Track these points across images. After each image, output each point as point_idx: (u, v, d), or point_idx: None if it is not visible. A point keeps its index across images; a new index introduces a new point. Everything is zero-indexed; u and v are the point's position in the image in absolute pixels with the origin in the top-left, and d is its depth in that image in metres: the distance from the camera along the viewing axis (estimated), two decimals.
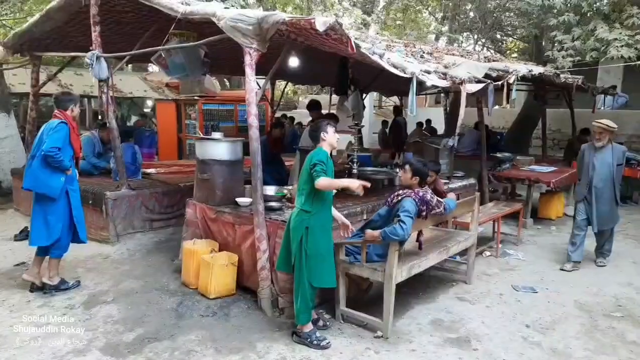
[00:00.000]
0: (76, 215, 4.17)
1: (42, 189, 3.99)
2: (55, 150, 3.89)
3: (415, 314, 3.95)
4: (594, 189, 5.06)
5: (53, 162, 3.92)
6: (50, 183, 3.97)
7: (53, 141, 3.91)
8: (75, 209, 4.16)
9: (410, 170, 3.75)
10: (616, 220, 5.29)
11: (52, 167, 3.95)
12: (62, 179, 4.01)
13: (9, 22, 13.55)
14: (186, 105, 11.19)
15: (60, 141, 3.95)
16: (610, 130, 4.96)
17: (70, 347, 3.24)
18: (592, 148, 5.12)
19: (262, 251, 3.87)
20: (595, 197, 5.05)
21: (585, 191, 5.11)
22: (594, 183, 5.05)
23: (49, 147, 3.88)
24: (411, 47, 6.38)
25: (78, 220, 4.18)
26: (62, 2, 5.43)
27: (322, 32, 3.32)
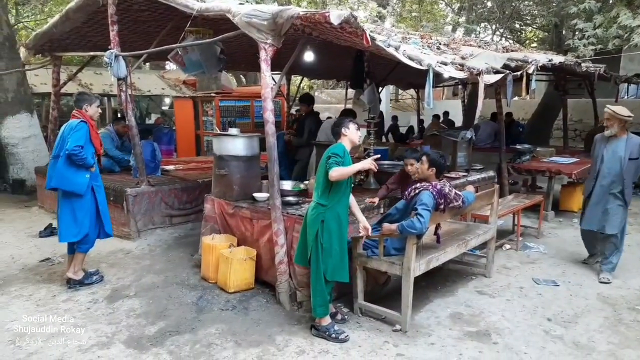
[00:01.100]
0: (102, 210, 4.29)
1: (69, 186, 4.11)
2: (78, 148, 4.02)
3: (433, 307, 3.93)
4: (598, 184, 4.56)
5: (77, 160, 4.05)
6: (77, 180, 4.10)
7: (75, 140, 4.03)
8: (101, 203, 4.29)
9: (427, 161, 3.73)
10: (618, 225, 4.49)
11: (76, 165, 4.08)
12: (87, 175, 4.14)
13: (30, 23, 13.86)
14: (203, 102, 11.27)
15: (82, 139, 4.07)
16: (619, 118, 4.36)
17: (95, 340, 3.33)
18: (604, 139, 4.57)
19: (280, 245, 3.90)
20: (596, 194, 4.57)
21: (591, 186, 4.66)
22: (599, 178, 4.55)
23: (72, 146, 4.01)
24: (427, 38, 6.31)
25: (104, 214, 4.31)
26: (81, 2, 5.52)
27: (337, 26, 3.30)
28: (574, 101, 11.26)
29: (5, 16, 8.26)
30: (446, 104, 14.64)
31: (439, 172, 3.77)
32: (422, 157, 3.82)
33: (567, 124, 10.10)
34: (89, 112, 4.25)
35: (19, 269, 4.70)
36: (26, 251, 5.24)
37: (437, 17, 15.29)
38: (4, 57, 7.96)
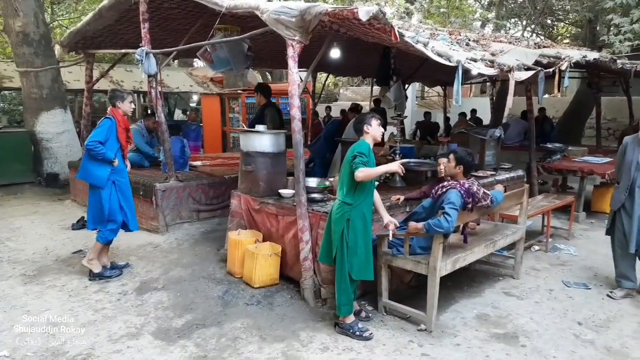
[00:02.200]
0: (125, 205, 4.40)
1: (90, 179, 4.29)
2: (95, 143, 4.17)
3: (459, 308, 3.88)
4: (636, 194, 4.00)
5: (95, 155, 4.19)
6: (97, 173, 4.26)
7: (94, 135, 4.22)
8: (123, 199, 4.39)
9: (454, 159, 3.67)
10: None
11: (97, 159, 4.22)
12: (107, 170, 4.27)
13: (65, 21, 14.28)
14: (230, 99, 11.40)
15: (102, 135, 4.20)
16: None
17: (125, 331, 3.41)
18: (637, 142, 4.06)
19: (305, 242, 3.91)
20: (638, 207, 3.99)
21: (624, 197, 4.05)
22: (636, 187, 4.00)
23: (89, 140, 4.21)
24: (456, 35, 6.20)
25: (128, 209, 4.42)
26: (113, 0, 5.65)
27: (365, 22, 3.28)
28: (607, 99, 10.89)
29: (41, 15, 8.53)
30: (474, 102, 14.37)
31: (467, 171, 3.72)
32: (449, 154, 3.77)
33: (600, 122, 9.79)
34: (121, 108, 4.38)
35: (52, 260, 4.86)
36: (59, 243, 5.42)
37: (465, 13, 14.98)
38: (39, 54, 8.23)
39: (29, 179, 8.67)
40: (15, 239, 5.59)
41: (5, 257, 4.94)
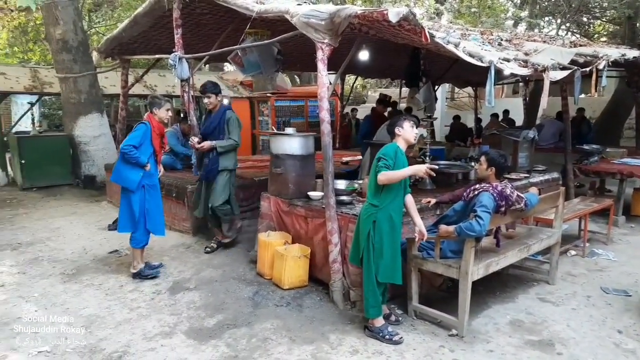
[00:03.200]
0: (152, 210, 4.45)
1: (122, 182, 4.39)
2: (129, 147, 4.27)
3: (492, 313, 3.80)
4: None
5: (129, 159, 4.30)
6: (129, 177, 4.34)
7: (129, 139, 4.34)
8: (151, 203, 4.44)
9: (485, 161, 3.60)
10: None
11: (131, 163, 4.32)
12: (140, 174, 4.35)
13: (101, 29, 14.78)
14: (259, 102, 11.53)
15: (137, 139, 4.31)
16: None
17: (159, 329, 3.50)
18: None
19: (334, 244, 3.92)
20: None
21: None
22: None
23: (124, 144, 4.32)
24: (488, 34, 6.09)
25: (156, 214, 4.48)
26: (148, 7, 5.82)
27: (395, 24, 3.27)
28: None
29: (79, 23, 8.87)
30: (506, 102, 14.04)
31: (499, 173, 3.64)
32: (481, 156, 3.71)
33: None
34: (157, 115, 4.48)
35: (90, 259, 5.03)
36: (97, 243, 5.60)
37: (497, 12, 14.67)
38: (78, 60, 8.55)
39: (67, 181, 9.01)
40: (55, 238, 5.82)
41: (45, 257, 5.14)
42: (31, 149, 8.92)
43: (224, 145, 4.82)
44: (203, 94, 4.86)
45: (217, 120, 4.84)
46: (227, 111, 4.92)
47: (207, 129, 4.91)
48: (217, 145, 4.79)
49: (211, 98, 4.84)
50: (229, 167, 4.91)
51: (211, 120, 4.89)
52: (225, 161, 4.87)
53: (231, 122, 4.86)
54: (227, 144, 4.84)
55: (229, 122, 4.86)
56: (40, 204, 7.91)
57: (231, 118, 4.87)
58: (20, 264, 4.91)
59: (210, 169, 4.85)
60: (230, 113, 4.92)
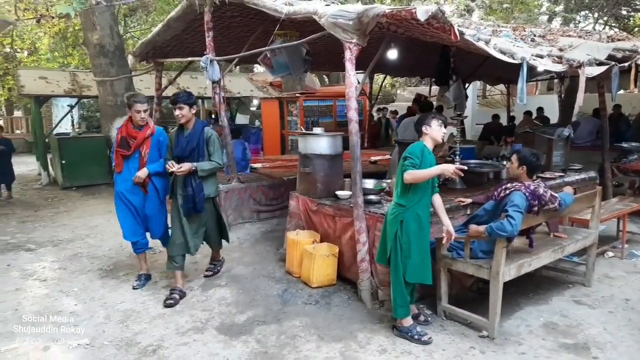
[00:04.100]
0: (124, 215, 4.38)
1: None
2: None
3: (524, 315, 3.72)
4: None
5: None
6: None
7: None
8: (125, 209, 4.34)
9: (517, 159, 3.53)
10: None
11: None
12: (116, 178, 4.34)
13: (136, 33, 15.23)
14: (288, 102, 11.64)
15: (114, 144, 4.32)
16: None
17: (191, 324, 3.60)
18: None
19: (362, 243, 3.92)
20: None
21: None
22: None
23: None
24: (520, 30, 5.95)
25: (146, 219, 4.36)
26: (180, 11, 5.97)
27: (424, 22, 3.25)
28: None
29: (116, 28, 9.17)
30: (540, 100, 13.67)
31: (531, 172, 3.55)
32: (512, 155, 3.64)
33: None
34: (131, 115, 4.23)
35: (126, 256, 5.21)
36: None
37: (530, 7, 14.29)
38: (114, 64, 8.85)
39: (105, 180, 9.34)
40: (93, 235, 6.05)
41: (85, 253, 5.36)
42: (71, 150, 9.31)
43: (206, 168, 3.99)
44: (174, 105, 3.96)
45: (196, 140, 3.98)
46: (205, 128, 4.08)
47: (182, 150, 3.99)
48: (199, 169, 3.95)
49: (183, 109, 3.94)
50: (212, 194, 4.18)
51: (187, 138, 3.99)
52: (208, 187, 4.10)
53: (212, 142, 4.06)
54: (211, 167, 4.03)
55: (209, 142, 4.05)
56: (79, 202, 8.24)
57: (212, 136, 4.07)
58: (61, 260, 5.14)
59: (198, 198, 3.97)
60: (210, 130, 4.12)
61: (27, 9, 10.69)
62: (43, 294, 4.23)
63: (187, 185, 3.96)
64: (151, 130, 4.19)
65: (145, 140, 4.16)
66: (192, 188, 3.94)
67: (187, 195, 3.96)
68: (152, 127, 4.23)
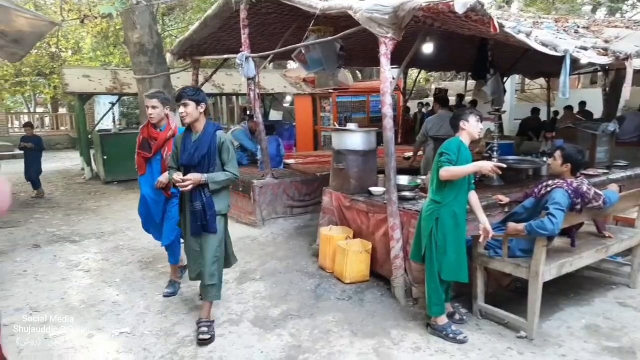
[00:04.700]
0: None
1: None
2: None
3: (565, 316, 3.60)
4: None
5: None
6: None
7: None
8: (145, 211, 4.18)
9: (560, 156, 3.41)
10: None
11: None
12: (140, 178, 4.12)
13: (174, 31, 15.59)
14: (321, 98, 11.66)
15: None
16: None
17: (227, 317, 3.67)
18: None
19: (396, 240, 3.90)
20: None
21: None
22: None
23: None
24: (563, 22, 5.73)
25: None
26: (217, 9, 6.07)
27: (462, 14, 3.18)
28: None
29: (154, 26, 9.41)
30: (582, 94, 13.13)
31: (575, 169, 3.43)
32: (555, 151, 3.52)
33: None
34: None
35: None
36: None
37: None
38: (153, 62, 9.08)
39: None
40: (133, 228, 6.26)
41: (125, 245, 5.56)
42: (112, 146, 9.66)
43: (219, 180, 3.31)
44: (177, 101, 3.32)
45: (207, 146, 3.30)
46: (218, 132, 3.40)
47: (189, 157, 3.32)
48: (210, 180, 3.27)
49: (188, 107, 3.27)
50: (223, 210, 3.47)
51: (195, 143, 3.32)
52: (220, 202, 3.40)
53: (226, 148, 3.36)
54: (226, 178, 3.34)
55: (223, 148, 3.35)
56: (120, 196, 8.55)
57: (225, 142, 3.37)
58: (103, 252, 5.35)
59: (208, 215, 3.32)
60: (223, 135, 3.43)
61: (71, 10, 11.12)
62: (87, 283, 4.42)
63: (195, 199, 3.30)
64: (172, 131, 3.85)
65: (167, 141, 3.83)
66: (202, 203, 3.29)
67: (195, 211, 3.31)
68: (173, 127, 3.89)
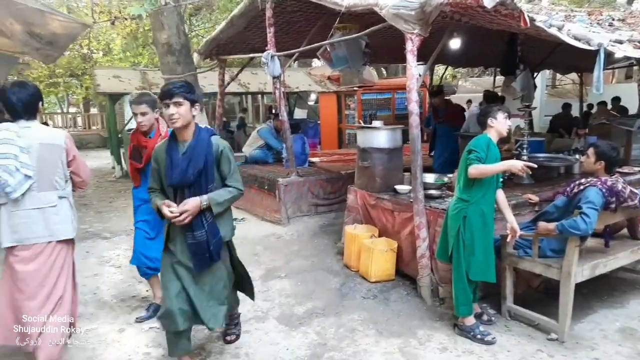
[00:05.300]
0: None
1: None
2: None
3: (598, 319, 3.49)
4: None
5: None
6: None
7: None
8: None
9: (594, 153, 3.31)
10: None
11: None
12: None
13: (200, 31, 15.83)
14: (346, 96, 11.62)
15: None
16: None
17: (253, 313, 3.71)
18: None
19: (422, 239, 3.85)
20: None
21: None
22: None
23: None
24: (596, 15, 5.54)
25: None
26: (243, 8, 6.13)
27: (491, 9, 3.12)
28: None
29: (182, 27, 9.57)
30: (616, 89, 12.66)
31: (610, 167, 3.32)
32: (588, 148, 3.41)
33: None
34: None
35: None
36: None
37: None
38: (181, 62, 9.24)
39: None
40: None
41: None
42: None
43: (223, 200, 2.64)
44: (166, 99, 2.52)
45: (203, 158, 2.58)
46: (213, 138, 2.70)
47: (182, 174, 2.57)
48: (214, 202, 2.59)
49: (181, 107, 2.53)
50: (227, 236, 2.79)
51: (188, 156, 2.58)
52: (224, 227, 2.74)
53: (226, 158, 2.68)
54: (231, 196, 2.68)
55: (222, 158, 2.67)
56: None
57: (224, 150, 2.68)
58: None
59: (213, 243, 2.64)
60: (221, 142, 2.71)
61: (102, 12, 11.43)
62: (118, 279, 4.53)
63: (197, 228, 2.59)
64: (162, 137, 3.25)
65: None
66: (205, 231, 2.61)
67: (199, 242, 2.60)
68: (164, 132, 3.35)
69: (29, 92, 2.68)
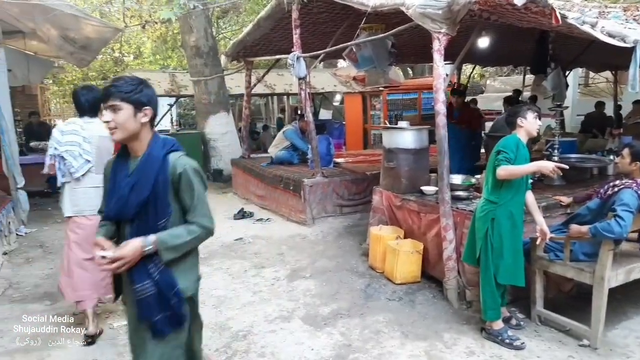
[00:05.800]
0: None
1: None
2: None
3: (633, 325, 3.37)
4: None
5: None
6: None
7: None
8: None
9: (629, 154, 3.19)
10: None
11: None
12: None
13: (228, 34, 16.06)
14: (371, 96, 11.56)
15: None
16: None
17: (278, 313, 3.74)
18: None
19: (449, 241, 3.80)
20: None
21: None
22: None
23: None
24: (632, 10, 5.34)
25: None
26: (270, 10, 6.19)
27: (521, 7, 3.05)
28: None
29: (210, 29, 9.75)
30: None
31: None
32: (624, 149, 3.29)
33: None
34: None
35: (219, 245, 5.54)
36: (224, 231, 6.14)
37: None
38: (209, 64, 9.42)
39: None
40: None
41: None
42: None
43: (178, 243, 1.96)
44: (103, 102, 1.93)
45: (150, 181, 1.90)
46: (171, 156, 1.97)
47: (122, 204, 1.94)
48: (164, 247, 1.91)
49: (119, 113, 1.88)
50: (190, 290, 2.07)
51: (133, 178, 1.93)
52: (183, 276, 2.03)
53: (186, 183, 1.95)
54: (188, 239, 1.99)
55: (182, 183, 1.94)
56: None
57: (185, 172, 1.94)
58: None
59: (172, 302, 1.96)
60: (183, 161, 1.97)
61: (133, 16, 11.72)
62: None
63: (139, 278, 1.92)
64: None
65: None
66: (153, 282, 1.92)
67: (143, 298, 1.92)
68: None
69: (94, 95, 3.26)
